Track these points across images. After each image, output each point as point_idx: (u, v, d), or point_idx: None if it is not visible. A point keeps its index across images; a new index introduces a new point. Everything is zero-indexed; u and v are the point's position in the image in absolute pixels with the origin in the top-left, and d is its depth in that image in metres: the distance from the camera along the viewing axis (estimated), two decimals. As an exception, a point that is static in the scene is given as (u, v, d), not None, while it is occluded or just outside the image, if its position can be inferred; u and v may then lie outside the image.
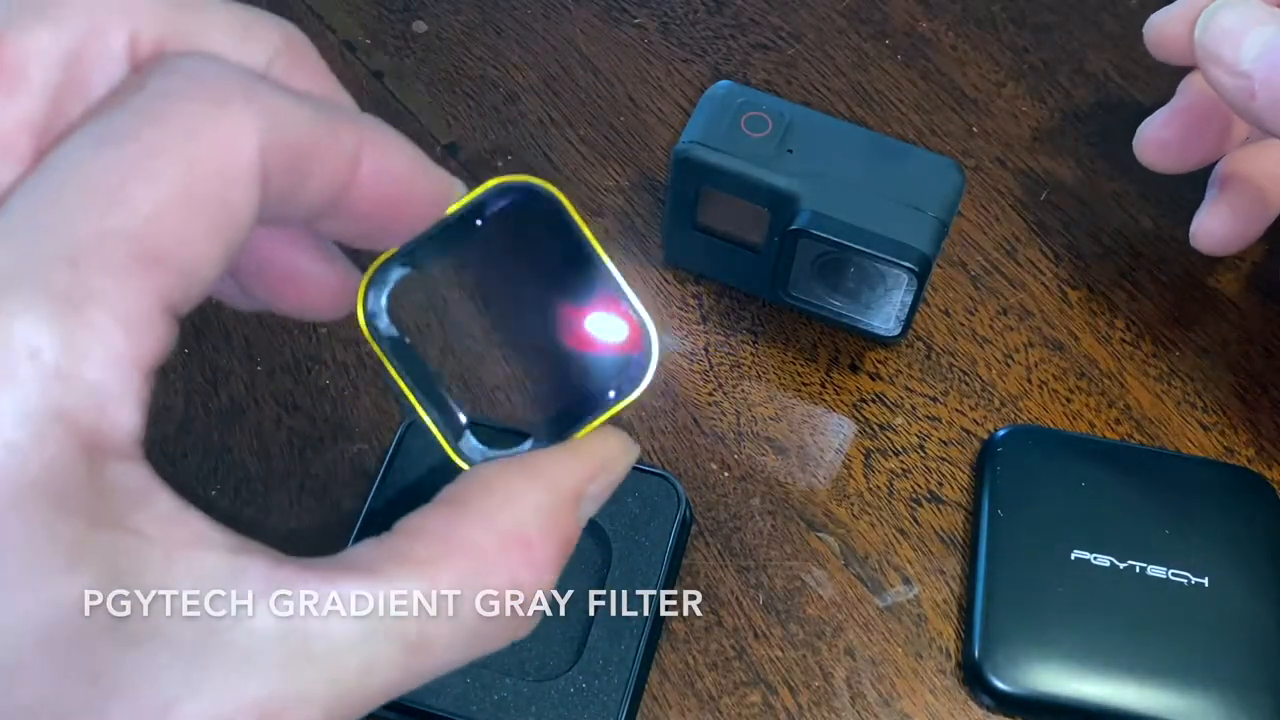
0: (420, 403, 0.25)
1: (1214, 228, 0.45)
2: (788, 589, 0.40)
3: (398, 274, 0.25)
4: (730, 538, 0.41)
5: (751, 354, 0.45)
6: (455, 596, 0.22)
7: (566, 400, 0.25)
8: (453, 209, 0.24)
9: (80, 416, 0.19)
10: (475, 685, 0.36)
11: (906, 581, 0.41)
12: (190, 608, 0.20)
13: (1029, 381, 0.45)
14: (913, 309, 0.42)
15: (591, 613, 0.38)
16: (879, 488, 0.43)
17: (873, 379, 0.45)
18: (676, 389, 0.44)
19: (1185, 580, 0.39)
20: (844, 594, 0.40)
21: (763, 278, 0.43)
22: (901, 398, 0.44)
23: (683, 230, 0.44)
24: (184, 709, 0.20)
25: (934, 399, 0.44)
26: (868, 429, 0.44)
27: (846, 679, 0.39)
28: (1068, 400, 0.44)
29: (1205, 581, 0.39)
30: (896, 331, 0.43)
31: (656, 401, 0.44)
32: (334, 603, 0.21)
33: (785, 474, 0.43)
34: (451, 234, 0.25)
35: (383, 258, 0.25)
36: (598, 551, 0.39)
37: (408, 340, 0.25)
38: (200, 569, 0.20)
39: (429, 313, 0.26)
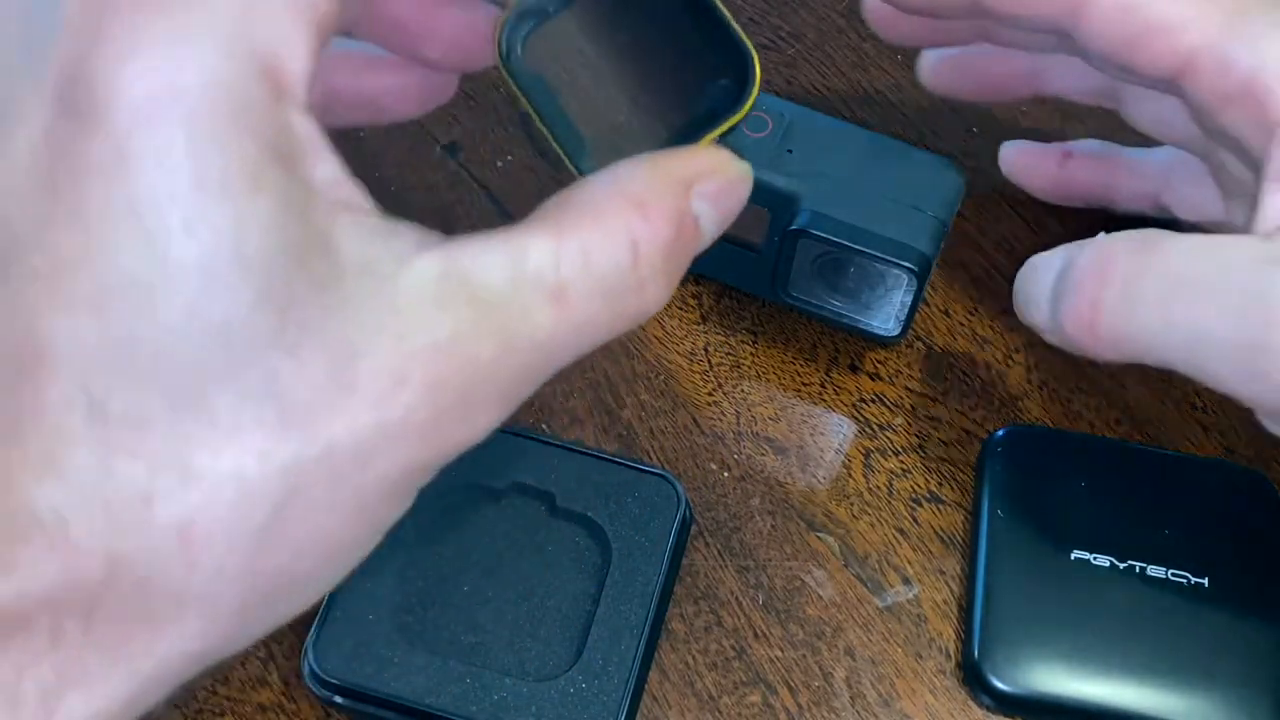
0: (551, 131, 0.27)
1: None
2: (788, 589, 0.40)
3: (530, 17, 0.27)
4: (730, 538, 0.41)
5: (751, 354, 0.45)
6: (582, 245, 0.23)
7: (680, 129, 0.28)
8: None
9: (264, 48, 0.20)
10: (475, 685, 0.36)
11: (906, 581, 0.41)
12: (358, 259, 0.21)
13: (1029, 381, 0.45)
14: (913, 309, 0.42)
15: (591, 613, 0.38)
16: (879, 488, 0.43)
17: (873, 379, 0.45)
18: (676, 389, 0.44)
19: (1185, 580, 0.39)
20: (844, 594, 0.40)
21: (762, 277, 0.43)
22: (901, 398, 0.44)
23: None
24: (369, 349, 0.21)
25: (934, 399, 0.44)
26: (868, 429, 0.44)
27: (846, 679, 0.39)
28: (1068, 400, 0.44)
29: (1205, 581, 0.39)
30: (896, 332, 0.43)
31: (656, 401, 0.44)
32: (480, 253, 0.22)
33: (785, 474, 0.43)
34: None
35: (509, 5, 0.27)
36: (598, 551, 0.39)
37: (539, 75, 0.28)
38: (360, 225, 0.21)
39: (556, 55, 0.28)
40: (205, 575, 0.20)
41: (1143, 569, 0.39)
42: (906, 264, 0.39)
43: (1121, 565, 0.39)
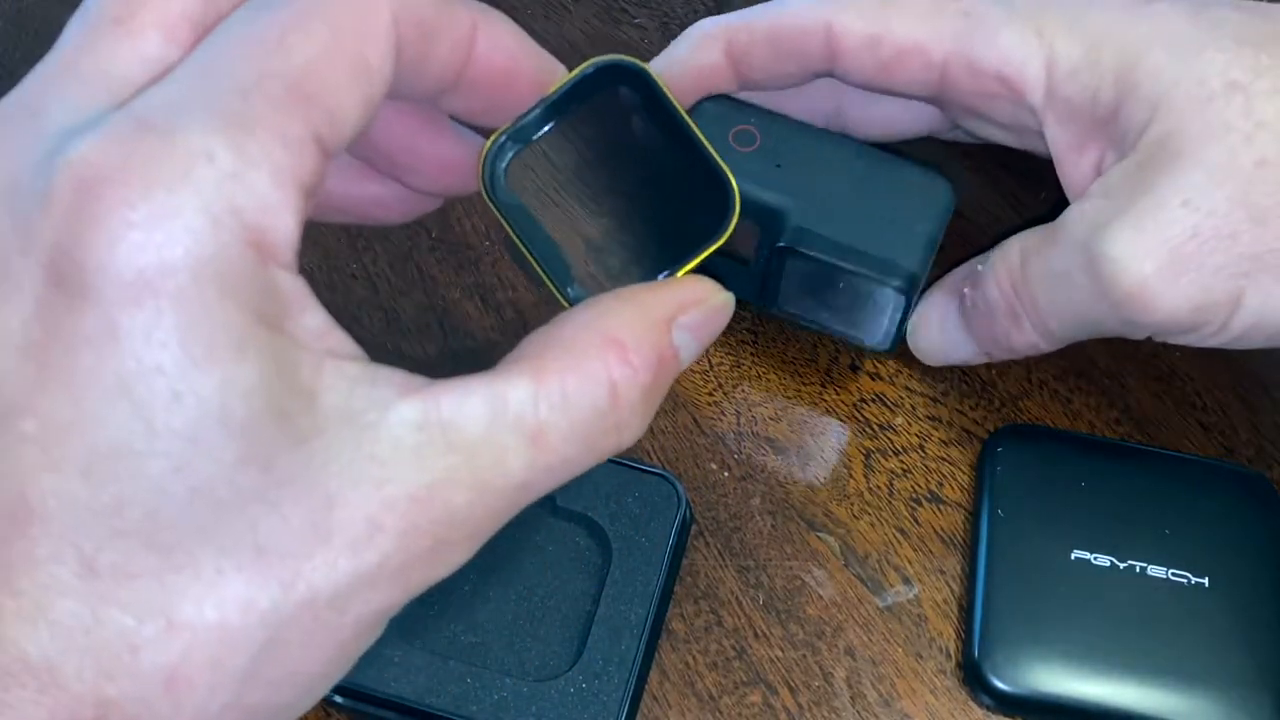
0: (535, 258, 0.28)
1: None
2: (788, 589, 0.40)
3: (512, 147, 0.28)
4: (730, 538, 0.41)
5: (751, 354, 0.45)
6: (561, 387, 0.24)
7: (660, 256, 0.29)
8: (555, 86, 0.28)
9: (250, 216, 0.21)
10: (475, 685, 0.36)
11: (906, 581, 0.41)
12: (340, 408, 0.22)
13: (1029, 381, 0.45)
14: (903, 322, 0.42)
15: (591, 613, 0.38)
16: (879, 488, 0.43)
17: (873, 379, 0.45)
18: (676, 389, 0.44)
19: (1185, 580, 0.39)
20: (844, 594, 0.40)
21: (753, 290, 0.43)
22: (901, 398, 0.44)
23: None
24: (346, 499, 0.21)
25: (934, 399, 0.44)
26: (868, 429, 0.44)
27: (846, 679, 0.39)
28: (1068, 400, 0.44)
29: (1205, 581, 0.39)
30: (887, 345, 0.43)
31: (656, 401, 0.44)
32: (461, 398, 0.23)
33: (785, 474, 0.43)
34: (555, 110, 0.28)
35: (497, 133, 0.28)
36: (598, 551, 0.39)
37: (523, 204, 0.29)
38: (343, 375, 0.22)
39: (540, 182, 0.29)
40: (189, 717, 0.21)
41: (1143, 569, 0.39)
42: (894, 282, 0.39)
43: (1121, 565, 0.39)
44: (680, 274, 0.28)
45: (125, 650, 0.20)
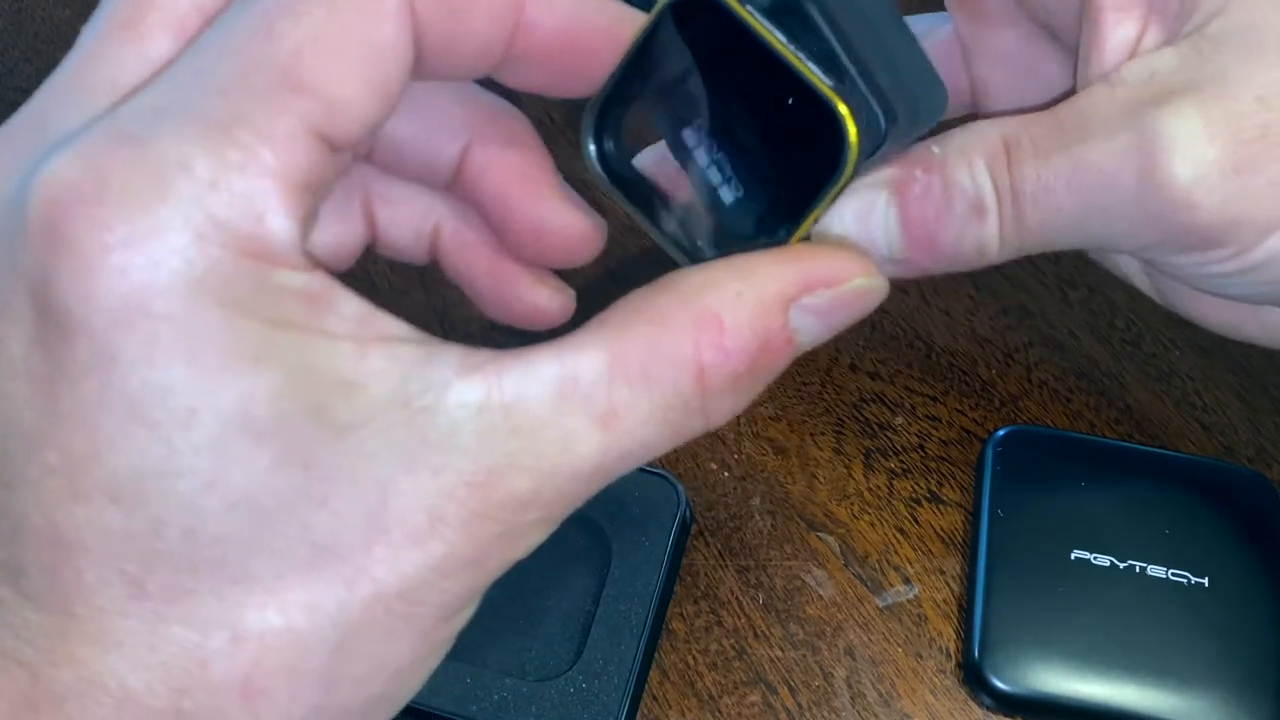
0: (657, 232, 0.25)
1: None
2: (788, 589, 0.40)
3: (607, 116, 0.25)
4: (730, 538, 0.41)
5: (751, 354, 0.45)
6: (642, 365, 0.21)
7: (783, 210, 0.25)
8: (633, 39, 0.24)
9: (236, 224, 0.20)
10: (475, 685, 0.36)
11: (906, 581, 0.41)
12: (391, 394, 0.21)
13: (1029, 381, 0.45)
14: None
15: (591, 613, 0.38)
16: (879, 488, 0.43)
17: (872, 378, 0.45)
18: (676, 389, 0.44)
19: (1185, 580, 0.39)
20: (844, 594, 0.40)
21: None
22: (901, 397, 0.44)
23: None
24: (401, 489, 0.20)
25: (934, 399, 0.44)
26: (868, 429, 0.44)
27: (846, 679, 0.39)
28: (1068, 400, 0.44)
29: (1205, 581, 0.39)
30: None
31: (656, 401, 0.44)
32: (525, 375, 0.21)
33: (785, 474, 0.43)
34: (639, 65, 0.25)
35: (589, 104, 0.25)
36: (598, 551, 0.39)
37: (636, 175, 0.26)
38: (394, 359, 0.21)
39: (650, 143, 0.26)
40: None
41: (1143, 569, 0.39)
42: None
43: (1121, 565, 0.39)
44: (800, 231, 0.24)
45: (194, 664, 0.20)
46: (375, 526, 0.20)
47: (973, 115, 0.37)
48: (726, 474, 0.43)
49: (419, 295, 0.47)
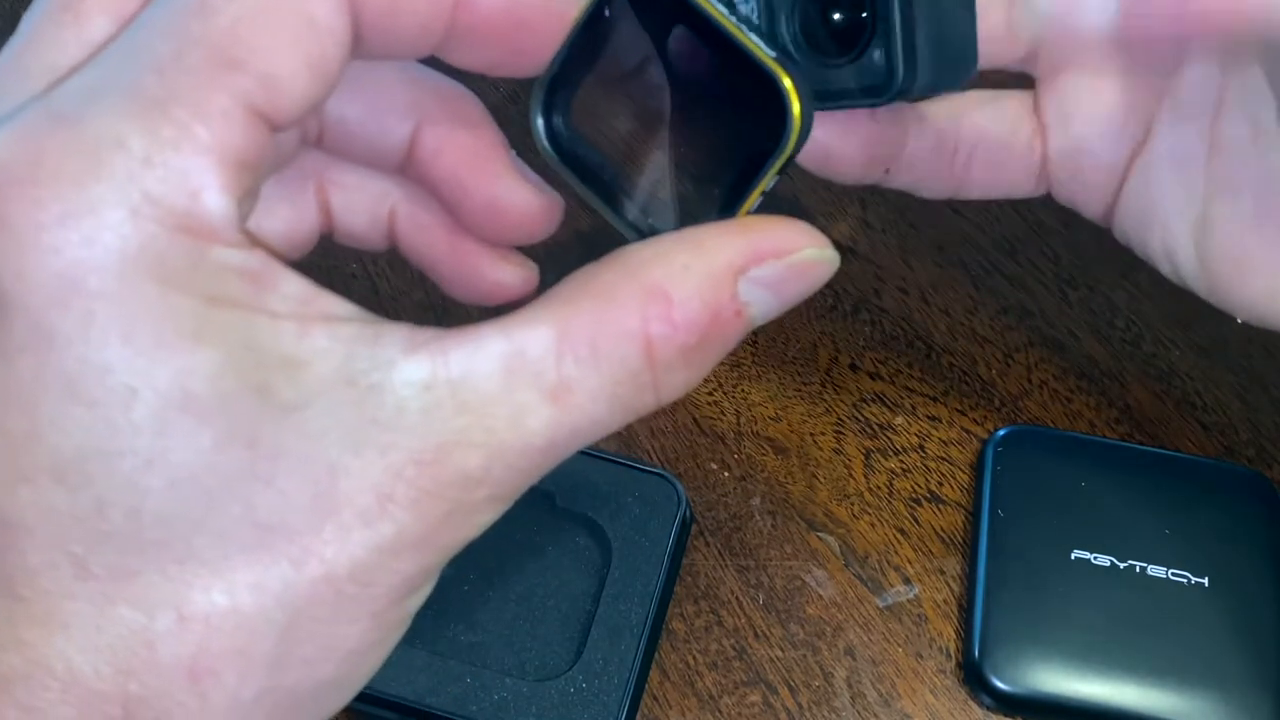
0: (607, 209, 0.25)
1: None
2: (788, 589, 0.40)
3: (555, 93, 0.25)
4: (730, 538, 0.41)
5: (751, 354, 0.45)
6: (589, 339, 0.21)
7: (732, 185, 0.24)
8: (577, 15, 0.24)
9: (171, 200, 0.20)
10: (475, 685, 0.36)
11: (906, 581, 0.41)
12: (335, 373, 0.20)
13: (1029, 381, 0.45)
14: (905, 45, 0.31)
15: (591, 613, 0.38)
16: (879, 488, 0.43)
17: (872, 379, 0.45)
18: (676, 389, 0.44)
19: (1185, 580, 0.39)
20: (844, 594, 0.40)
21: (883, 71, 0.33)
22: (901, 397, 0.44)
23: None
24: (349, 469, 0.20)
25: (934, 399, 0.44)
26: (868, 429, 0.44)
27: (846, 679, 0.39)
28: (1068, 400, 0.44)
29: (1205, 581, 0.39)
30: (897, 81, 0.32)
31: (656, 401, 0.44)
32: (472, 352, 0.21)
33: (785, 474, 0.43)
34: (586, 41, 0.24)
35: (536, 82, 0.25)
36: (598, 551, 0.39)
37: (588, 151, 0.26)
38: (338, 338, 0.21)
39: (595, 123, 0.26)
40: (221, 707, 0.21)
41: (1143, 569, 0.39)
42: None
43: (1121, 565, 0.39)
44: (747, 205, 0.24)
45: (141, 646, 0.20)
46: (323, 507, 0.20)
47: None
48: (726, 474, 0.43)
49: (419, 295, 0.47)
